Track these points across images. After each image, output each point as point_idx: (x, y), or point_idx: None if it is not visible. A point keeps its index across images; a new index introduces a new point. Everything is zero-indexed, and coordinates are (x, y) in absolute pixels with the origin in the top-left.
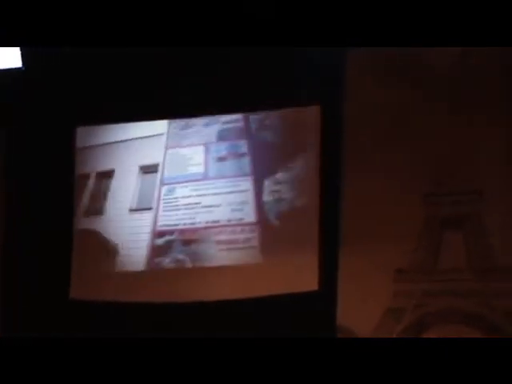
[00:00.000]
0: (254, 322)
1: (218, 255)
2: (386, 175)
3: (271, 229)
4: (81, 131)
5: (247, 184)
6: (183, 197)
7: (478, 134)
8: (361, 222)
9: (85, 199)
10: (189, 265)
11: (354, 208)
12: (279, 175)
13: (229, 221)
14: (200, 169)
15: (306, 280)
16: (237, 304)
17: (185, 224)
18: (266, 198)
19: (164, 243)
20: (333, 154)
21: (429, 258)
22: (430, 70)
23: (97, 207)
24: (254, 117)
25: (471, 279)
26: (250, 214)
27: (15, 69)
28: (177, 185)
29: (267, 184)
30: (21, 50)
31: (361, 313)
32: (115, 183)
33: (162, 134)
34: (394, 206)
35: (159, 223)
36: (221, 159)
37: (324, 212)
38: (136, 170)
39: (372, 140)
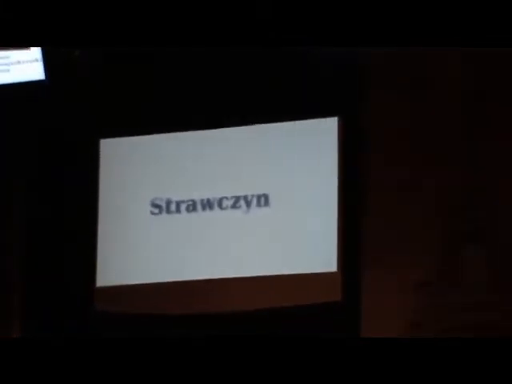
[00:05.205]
0: (277, 332)
1: None
2: (408, 191)
3: None
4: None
5: None
6: None
7: (502, 151)
8: (383, 236)
9: None
10: None
11: (376, 222)
12: None
13: None
14: None
15: (329, 291)
16: (261, 314)
17: None
18: None
19: None
20: (354, 166)
21: (450, 272)
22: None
23: None
24: None
25: (493, 293)
26: None
27: (38, 81)
28: None
29: None
30: (44, 62)
31: (383, 326)
32: None
33: None
34: (416, 221)
35: None
36: None
37: (346, 225)
38: None
39: (394, 157)
